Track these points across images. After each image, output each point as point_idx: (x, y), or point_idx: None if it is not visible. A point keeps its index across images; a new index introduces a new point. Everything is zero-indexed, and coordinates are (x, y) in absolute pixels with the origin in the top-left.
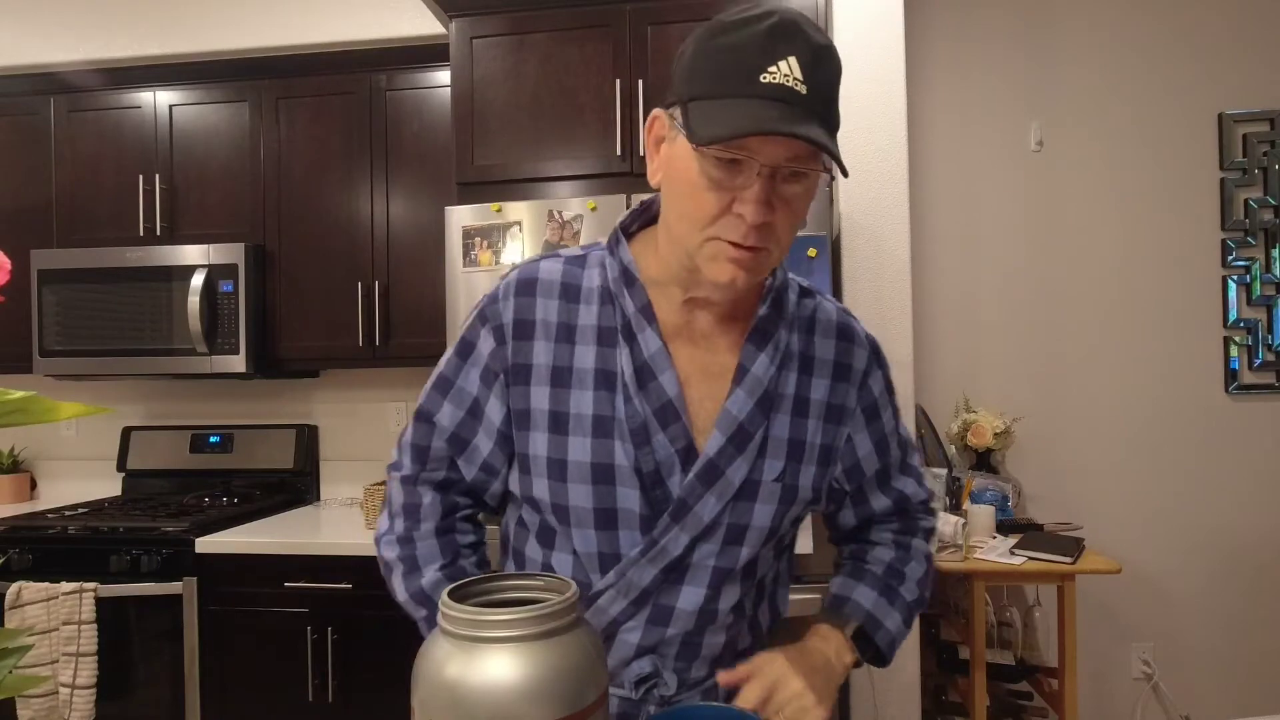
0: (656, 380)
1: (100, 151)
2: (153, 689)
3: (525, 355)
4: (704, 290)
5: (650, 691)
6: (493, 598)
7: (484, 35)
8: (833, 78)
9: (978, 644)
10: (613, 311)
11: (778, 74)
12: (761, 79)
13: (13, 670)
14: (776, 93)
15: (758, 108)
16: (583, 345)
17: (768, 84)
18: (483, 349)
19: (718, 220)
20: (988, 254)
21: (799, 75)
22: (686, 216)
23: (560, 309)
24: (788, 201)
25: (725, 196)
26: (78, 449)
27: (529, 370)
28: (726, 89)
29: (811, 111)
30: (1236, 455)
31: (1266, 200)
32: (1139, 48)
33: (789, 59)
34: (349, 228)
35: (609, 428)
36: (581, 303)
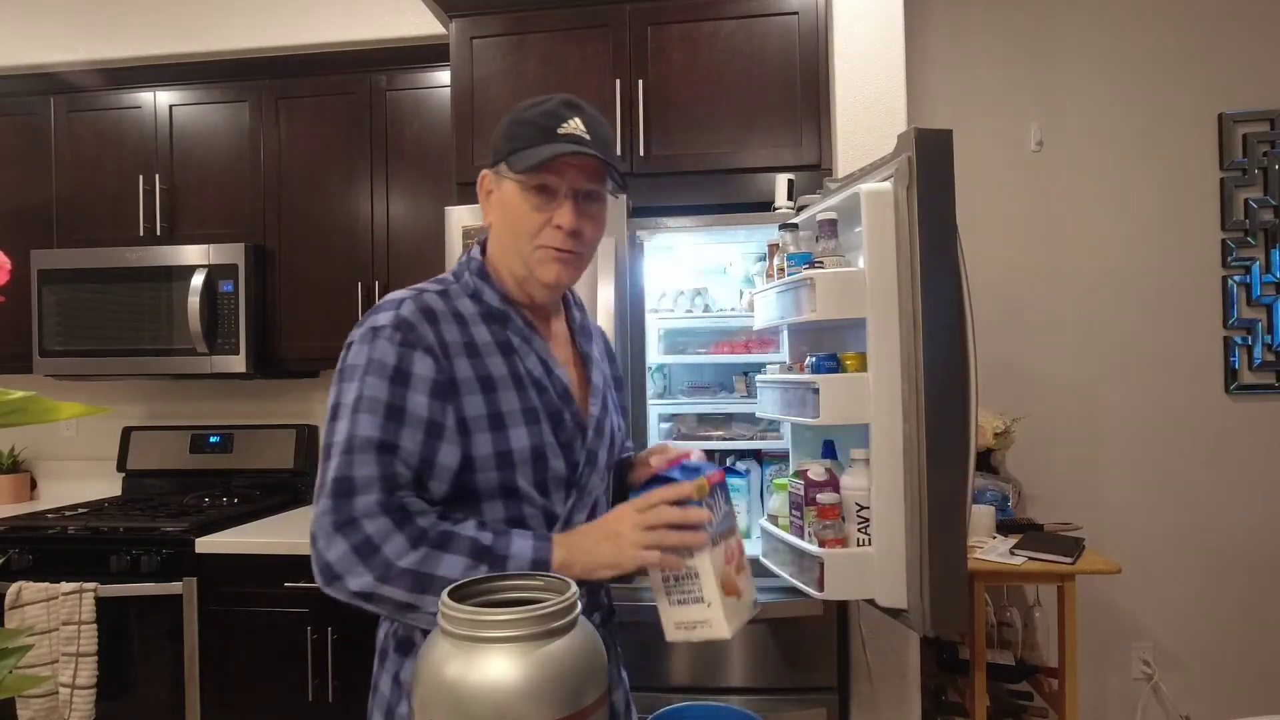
0: (555, 373)
1: (100, 151)
2: (153, 689)
3: (452, 371)
4: (537, 293)
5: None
6: (493, 598)
7: (484, 35)
8: (609, 134)
9: (978, 644)
10: (500, 329)
11: (569, 127)
12: (559, 130)
13: (13, 670)
14: (569, 139)
15: (560, 145)
16: (490, 358)
17: (563, 133)
18: (422, 370)
19: (541, 232)
20: (988, 254)
21: (584, 129)
22: (520, 234)
23: (459, 331)
24: (590, 216)
25: (545, 215)
26: (78, 449)
27: (458, 383)
28: (535, 139)
29: (596, 148)
30: (1236, 455)
31: (1266, 200)
32: (1139, 47)
33: (575, 119)
34: (349, 228)
35: (535, 416)
36: (470, 325)
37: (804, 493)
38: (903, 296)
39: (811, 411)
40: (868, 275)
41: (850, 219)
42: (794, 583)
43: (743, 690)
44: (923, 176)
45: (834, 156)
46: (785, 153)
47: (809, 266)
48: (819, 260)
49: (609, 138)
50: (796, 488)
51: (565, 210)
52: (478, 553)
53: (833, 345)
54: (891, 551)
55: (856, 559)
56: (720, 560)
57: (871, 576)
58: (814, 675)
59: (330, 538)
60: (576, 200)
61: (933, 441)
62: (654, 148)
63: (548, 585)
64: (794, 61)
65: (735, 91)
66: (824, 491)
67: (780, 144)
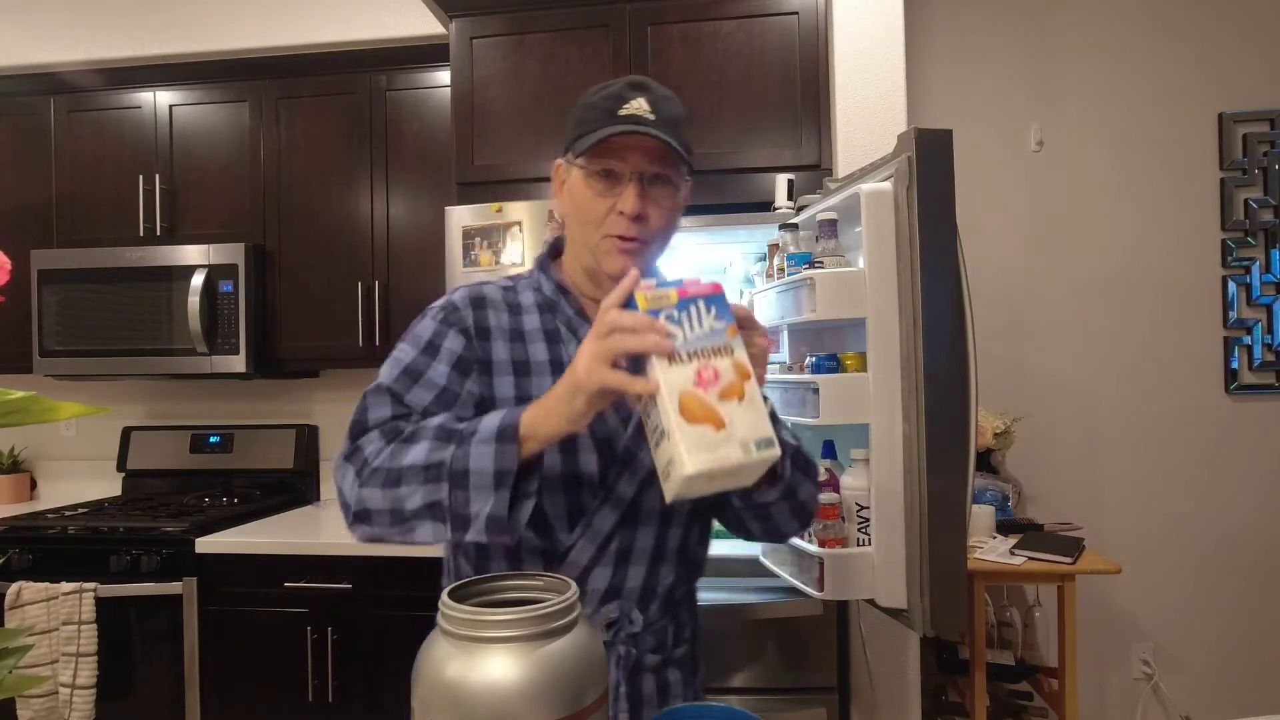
0: None
1: (100, 151)
2: (153, 689)
3: (488, 353)
4: (605, 286)
5: (618, 634)
6: (493, 598)
7: (484, 35)
8: (676, 112)
9: (978, 644)
10: (552, 318)
11: (631, 107)
12: (619, 112)
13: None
14: (630, 120)
15: (615, 127)
16: (534, 344)
17: (624, 115)
18: (452, 346)
19: (605, 220)
20: (988, 254)
21: (647, 108)
22: (585, 223)
23: (508, 319)
24: (656, 201)
25: (609, 201)
26: (78, 449)
27: (491, 365)
28: (597, 122)
29: (659, 128)
30: (1236, 455)
31: (1266, 200)
32: (1139, 48)
33: (639, 99)
34: (349, 228)
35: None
36: (524, 314)
37: None
38: (903, 296)
39: (811, 411)
40: (868, 275)
41: (850, 219)
42: (794, 583)
43: (742, 690)
44: (923, 176)
45: (834, 156)
46: (785, 153)
47: (809, 266)
48: (819, 260)
49: (677, 116)
50: None
51: (629, 195)
52: (444, 435)
53: (833, 345)
54: (891, 551)
55: (856, 559)
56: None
57: (871, 576)
58: (814, 675)
59: (343, 469)
60: (642, 184)
61: (933, 441)
62: None
63: (548, 585)
64: (794, 61)
65: (735, 92)
66: (824, 491)
67: (780, 144)
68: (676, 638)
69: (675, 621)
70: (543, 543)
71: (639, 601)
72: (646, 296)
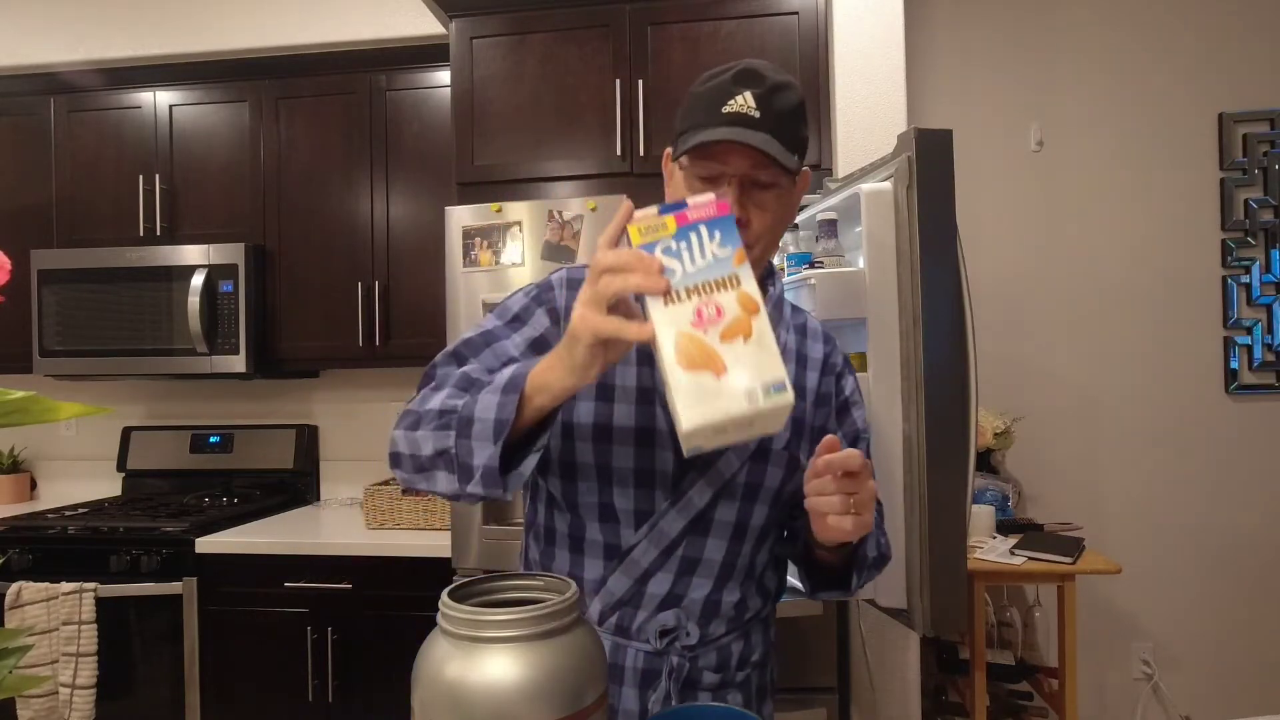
0: None
1: (100, 151)
2: (153, 689)
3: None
4: None
5: (672, 644)
6: (493, 598)
7: (484, 35)
8: (789, 105)
9: (978, 644)
10: None
11: (734, 105)
12: (723, 110)
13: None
14: (734, 119)
15: (718, 130)
16: None
17: (727, 113)
18: (536, 324)
19: None
20: (988, 254)
21: (753, 105)
22: None
23: None
24: (760, 205)
25: None
26: (78, 449)
27: None
28: (699, 121)
29: (765, 129)
30: (1236, 455)
31: (1266, 200)
32: (1139, 47)
33: (745, 94)
34: (349, 228)
35: (650, 396)
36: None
37: None
38: (903, 296)
39: None
40: (868, 275)
41: (850, 219)
42: (794, 583)
43: None
44: (923, 176)
45: (834, 156)
46: None
47: (809, 266)
48: (819, 260)
49: (788, 108)
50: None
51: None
52: (465, 383)
53: None
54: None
55: None
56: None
57: None
58: (814, 675)
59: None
60: (743, 188)
61: (933, 441)
62: (654, 148)
63: (548, 585)
64: (794, 61)
65: None
66: None
67: None
68: (742, 660)
69: (744, 643)
70: (606, 536)
71: (700, 616)
72: (640, 228)
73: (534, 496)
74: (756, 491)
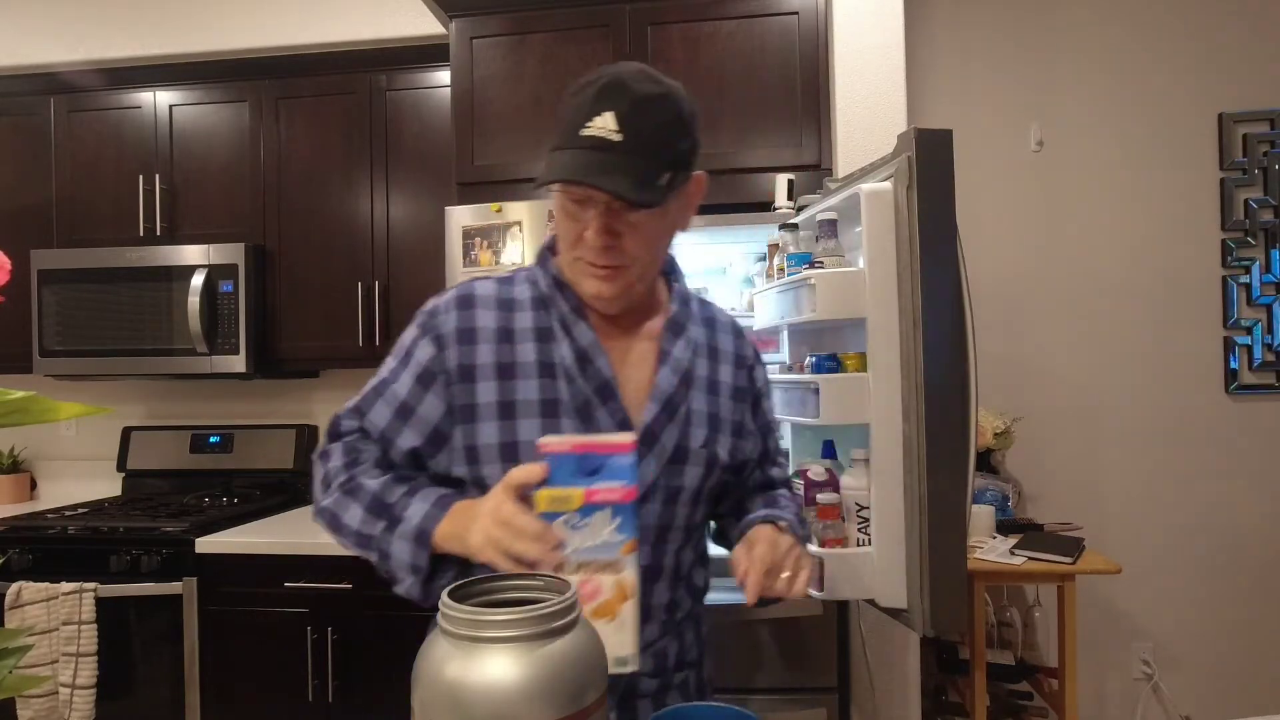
0: (594, 364)
1: (100, 151)
2: (153, 689)
3: (470, 357)
4: (586, 299)
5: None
6: (493, 598)
7: (484, 35)
8: (658, 121)
9: (978, 644)
10: (546, 315)
11: (593, 128)
12: (581, 133)
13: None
14: (591, 143)
15: (573, 158)
16: (522, 344)
17: (585, 136)
18: (420, 356)
19: (578, 243)
20: (988, 254)
21: (614, 127)
22: (561, 240)
23: (497, 317)
24: (633, 226)
25: (580, 225)
26: (78, 449)
27: (474, 370)
28: (560, 143)
29: (625, 155)
30: (1236, 455)
31: (1266, 200)
32: (1139, 47)
33: (606, 114)
34: (349, 227)
35: (554, 409)
36: (516, 310)
37: (804, 493)
38: (903, 296)
39: (812, 411)
40: (868, 275)
41: (850, 219)
42: None
43: (743, 690)
44: (923, 176)
45: (834, 156)
46: (785, 153)
47: (809, 266)
48: (819, 260)
49: (654, 127)
50: (796, 488)
51: (594, 225)
52: (377, 508)
53: (833, 345)
54: (891, 551)
55: (856, 559)
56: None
57: (871, 576)
58: (814, 675)
59: (316, 467)
60: (612, 210)
61: (933, 441)
62: None
63: (548, 585)
64: (794, 61)
65: (735, 91)
66: (824, 491)
67: (780, 144)
68: (679, 661)
69: (679, 644)
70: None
71: None
72: (549, 496)
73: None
74: (677, 494)
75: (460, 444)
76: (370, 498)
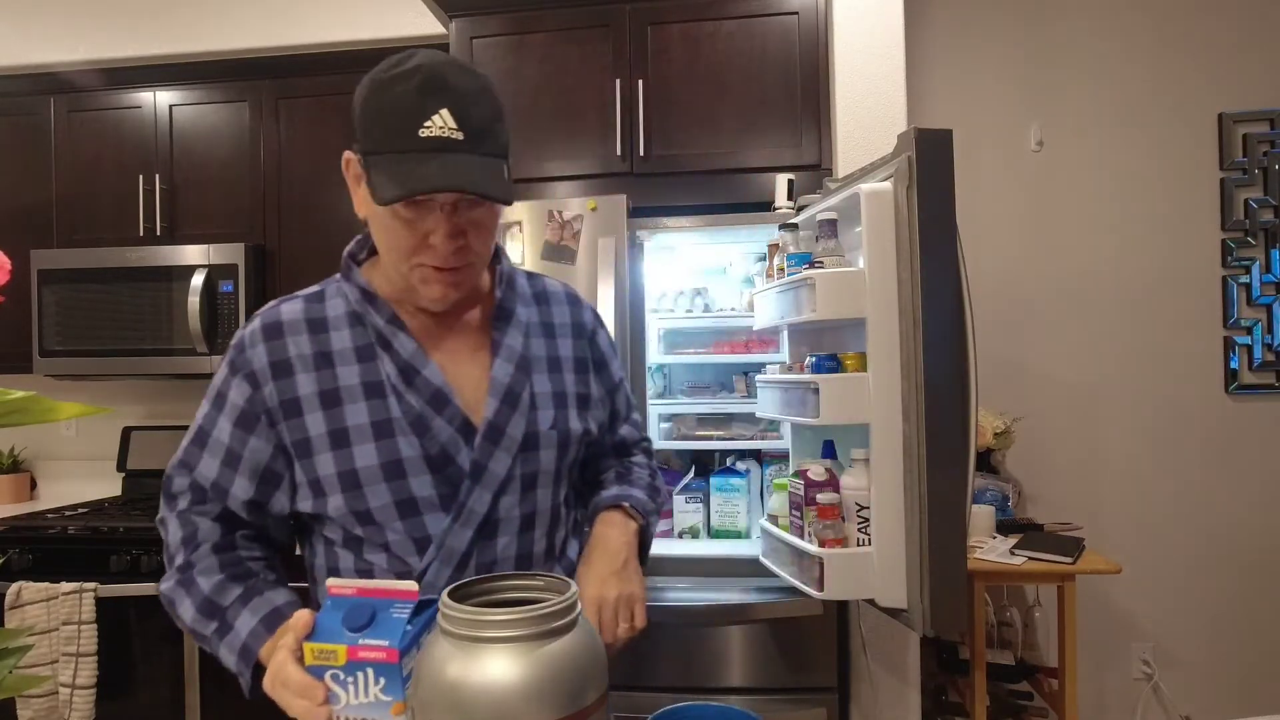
0: (421, 375)
1: (100, 151)
2: (153, 689)
3: (289, 391)
4: (425, 305)
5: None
6: (493, 598)
7: (484, 35)
8: (488, 113)
9: (978, 644)
10: (364, 331)
11: (433, 127)
12: (420, 134)
13: (13, 670)
14: (435, 145)
15: (420, 163)
16: (343, 366)
17: (426, 138)
18: (235, 398)
19: (418, 251)
20: (988, 254)
21: (453, 125)
22: (393, 250)
23: (310, 341)
24: (476, 223)
25: (419, 232)
26: (78, 449)
27: (297, 403)
28: (393, 145)
29: (471, 152)
30: (1236, 455)
31: (1266, 200)
32: (1139, 48)
33: (441, 112)
34: (349, 228)
35: (389, 428)
36: (331, 330)
37: (804, 493)
38: (903, 296)
39: (811, 411)
40: (868, 275)
41: (850, 219)
42: (794, 583)
43: (742, 690)
44: (923, 176)
45: (834, 156)
46: (785, 153)
47: (809, 266)
48: (819, 260)
49: (487, 120)
50: (796, 488)
51: (441, 230)
52: (208, 610)
53: (833, 345)
54: (891, 551)
55: (856, 559)
56: None
57: (871, 576)
58: (814, 675)
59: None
60: (457, 209)
61: (933, 441)
62: (654, 148)
63: (548, 585)
64: (794, 61)
65: (735, 91)
66: (824, 491)
67: (780, 144)
68: None
69: None
70: (393, 566)
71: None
72: (314, 649)
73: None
74: (534, 480)
75: (303, 478)
76: (202, 599)
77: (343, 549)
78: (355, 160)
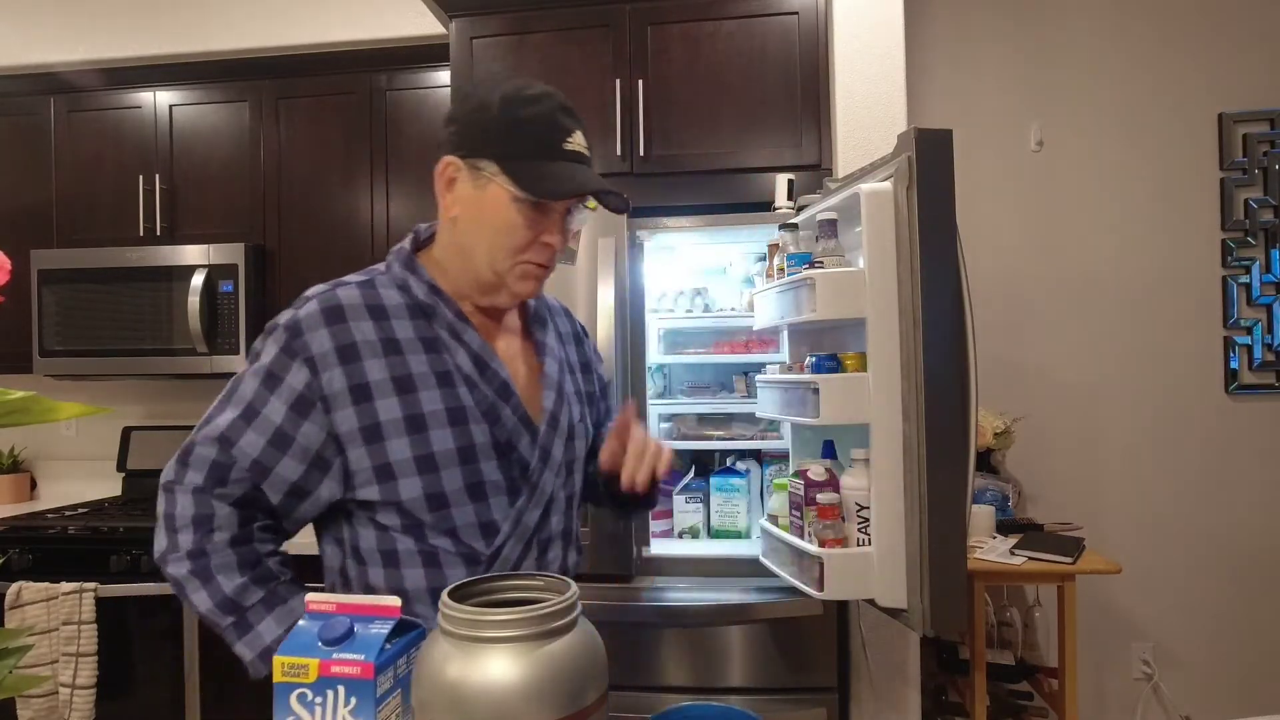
0: (490, 368)
1: (100, 151)
2: (153, 689)
3: (358, 376)
4: (502, 300)
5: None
6: (493, 598)
7: (484, 35)
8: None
9: (978, 644)
10: (428, 324)
11: (574, 143)
12: (565, 146)
13: (13, 670)
14: (576, 157)
15: (569, 170)
16: (412, 355)
17: (569, 150)
18: (293, 381)
19: (527, 249)
20: (988, 254)
21: (584, 143)
22: (501, 247)
23: (375, 328)
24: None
25: (535, 231)
26: (78, 449)
27: (367, 388)
28: (539, 152)
29: (591, 168)
30: (1236, 455)
31: (1266, 200)
32: (1139, 48)
33: (577, 132)
34: (349, 228)
35: (463, 415)
36: (392, 319)
37: (804, 493)
38: (903, 296)
39: (811, 411)
40: (868, 275)
41: (850, 219)
42: (794, 583)
43: (743, 690)
44: (923, 176)
45: (834, 156)
46: (785, 153)
47: (809, 266)
48: (819, 260)
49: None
50: (796, 488)
51: (557, 229)
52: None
53: (833, 345)
54: (891, 551)
55: (856, 559)
56: None
57: (871, 576)
58: (814, 675)
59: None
60: (568, 214)
61: (933, 441)
62: (654, 148)
63: (548, 585)
64: (794, 61)
65: (735, 91)
66: (824, 491)
67: (780, 144)
68: None
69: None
70: (459, 549)
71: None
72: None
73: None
74: (573, 464)
75: (364, 464)
76: (222, 597)
77: (402, 534)
78: (459, 164)
